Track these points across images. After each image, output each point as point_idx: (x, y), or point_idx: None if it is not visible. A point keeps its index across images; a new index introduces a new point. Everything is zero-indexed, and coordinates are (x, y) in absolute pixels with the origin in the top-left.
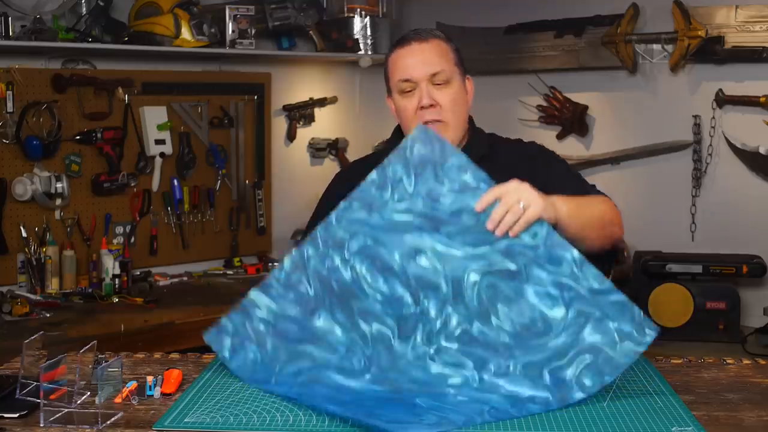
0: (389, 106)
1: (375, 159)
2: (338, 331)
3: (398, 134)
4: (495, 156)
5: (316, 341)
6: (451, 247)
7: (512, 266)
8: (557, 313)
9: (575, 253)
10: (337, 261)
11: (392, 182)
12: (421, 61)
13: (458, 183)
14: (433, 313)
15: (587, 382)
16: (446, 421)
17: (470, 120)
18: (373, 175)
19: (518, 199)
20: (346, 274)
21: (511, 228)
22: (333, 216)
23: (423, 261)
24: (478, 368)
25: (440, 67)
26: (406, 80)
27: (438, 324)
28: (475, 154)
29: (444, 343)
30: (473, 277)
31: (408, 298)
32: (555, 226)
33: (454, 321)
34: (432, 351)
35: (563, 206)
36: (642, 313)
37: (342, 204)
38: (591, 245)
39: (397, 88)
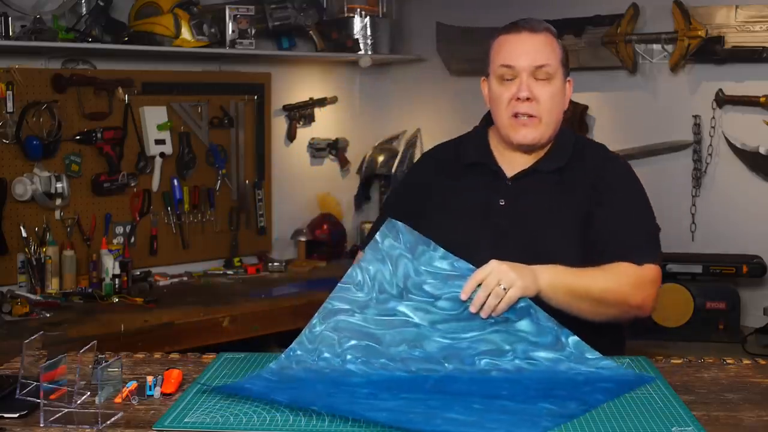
0: (482, 89)
1: (460, 141)
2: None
3: (488, 120)
4: (571, 172)
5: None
6: (444, 334)
7: (504, 345)
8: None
9: (564, 331)
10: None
11: (371, 278)
12: (528, 50)
13: (438, 272)
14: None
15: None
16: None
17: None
18: (350, 273)
19: (498, 281)
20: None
21: (494, 309)
22: (315, 320)
23: (418, 352)
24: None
25: (546, 61)
26: (508, 66)
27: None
28: (551, 166)
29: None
30: (469, 360)
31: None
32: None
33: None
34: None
35: (546, 278)
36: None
37: (322, 307)
38: (591, 317)
39: (496, 73)
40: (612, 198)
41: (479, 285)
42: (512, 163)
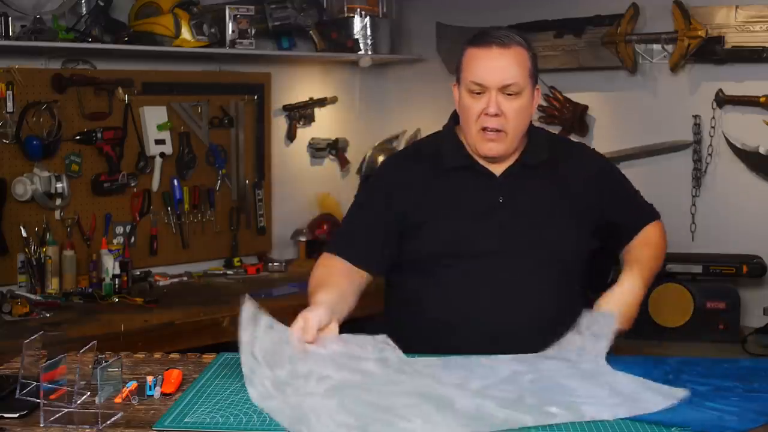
0: (453, 92)
1: (422, 145)
2: None
3: (454, 120)
4: (555, 165)
5: None
6: None
7: None
8: None
9: None
10: None
11: None
12: (498, 68)
13: None
14: None
15: None
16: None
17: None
18: None
19: None
20: None
21: None
22: None
23: None
24: None
25: (514, 79)
26: (478, 84)
27: None
28: (535, 160)
29: None
30: None
31: None
32: None
33: None
34: None
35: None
36: None
37: None
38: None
39: (466, 87)
40: (612, 185)
41: None
42: (494, 161)
